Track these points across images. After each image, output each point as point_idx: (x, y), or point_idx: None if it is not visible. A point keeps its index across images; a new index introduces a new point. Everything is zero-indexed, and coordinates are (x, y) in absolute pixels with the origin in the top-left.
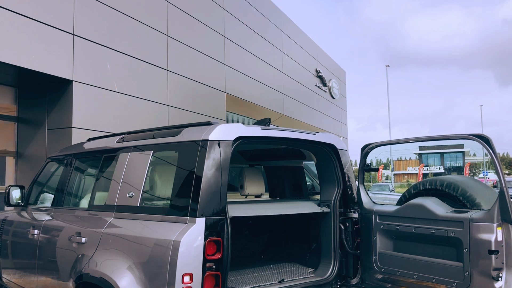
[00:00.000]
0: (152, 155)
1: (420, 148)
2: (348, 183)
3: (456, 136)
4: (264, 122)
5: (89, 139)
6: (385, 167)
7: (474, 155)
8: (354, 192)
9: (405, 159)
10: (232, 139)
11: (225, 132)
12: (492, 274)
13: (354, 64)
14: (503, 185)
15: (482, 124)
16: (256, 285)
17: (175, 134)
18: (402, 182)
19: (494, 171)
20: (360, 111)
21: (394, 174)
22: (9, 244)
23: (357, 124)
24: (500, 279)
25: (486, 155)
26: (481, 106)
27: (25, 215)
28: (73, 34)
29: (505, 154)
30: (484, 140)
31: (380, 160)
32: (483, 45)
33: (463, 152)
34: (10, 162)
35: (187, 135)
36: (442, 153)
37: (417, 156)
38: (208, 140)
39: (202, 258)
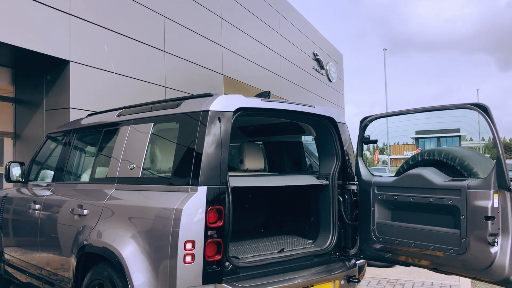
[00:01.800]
0: (153, 127)
1: (417, 132)
2: (347, 156)
3: (454, 105)
4: (264, 95)
5: (89, 115)
6: (382, 151)
7: (471, 139)
8: (353, 164)
9: (402, 144)
10: (233, 110)
11: (226, 103)
12: (488, 240)
13: (355, 48)
14: (500, 152)
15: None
16: (257, 254)
17: (176, 105)
18: (399, 166)
19: (490, 155)
20: (359, 96)
21: (391, 158)
22: (10, 221)
23: (356, 109)
24: (496, 244)
25: (482, 139)
26: (477, 90)
27: (26, 192)
28: (70, 14)
29: (503, 139)
30: (482, 108)
31: (377, 145)
32: (486, 29)
33: (459, 136)
34: (8, 143)
35: (187, 107)
36: (438, 137)
37: (414, 141)
38: (209, 110)
39: (204, 226)
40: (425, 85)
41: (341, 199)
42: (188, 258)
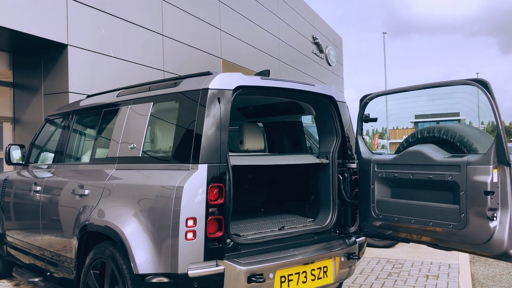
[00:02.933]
0: (153, 106)
1: (416, 116)
2: (347, 135)
3: (454, 82)
4: (264, 73)
5: (88, 96)
6: (381, 136)
7: (471, 123)
8: (353, 144)
9: (402, 128)
10: (232, 88)
11: (226, 81)
12: (487, 214)
13: (356, 33)
14: (500, 128)
15: (478, 92)
16: (258, 232)
17: (175, 84)
18: None
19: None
20: (361, 80)
21: (390, 143)
22: (12, 203)
23: (357, 94)
24: (495, 219)
25: (482, 123)
26: (477, 73)
27: (27, 174)
28: None
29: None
30: (482, 84)
31: (376, 129)
32: (490, 10)
33: (458, 120)
34: (7, 128)
35: (187, 85)
36: (437, 122)
37: (414, 125)
38: (208, 88)
39: (205, 203)
40: (425, 69)
41: (341, 178)
42: (190, 235)
